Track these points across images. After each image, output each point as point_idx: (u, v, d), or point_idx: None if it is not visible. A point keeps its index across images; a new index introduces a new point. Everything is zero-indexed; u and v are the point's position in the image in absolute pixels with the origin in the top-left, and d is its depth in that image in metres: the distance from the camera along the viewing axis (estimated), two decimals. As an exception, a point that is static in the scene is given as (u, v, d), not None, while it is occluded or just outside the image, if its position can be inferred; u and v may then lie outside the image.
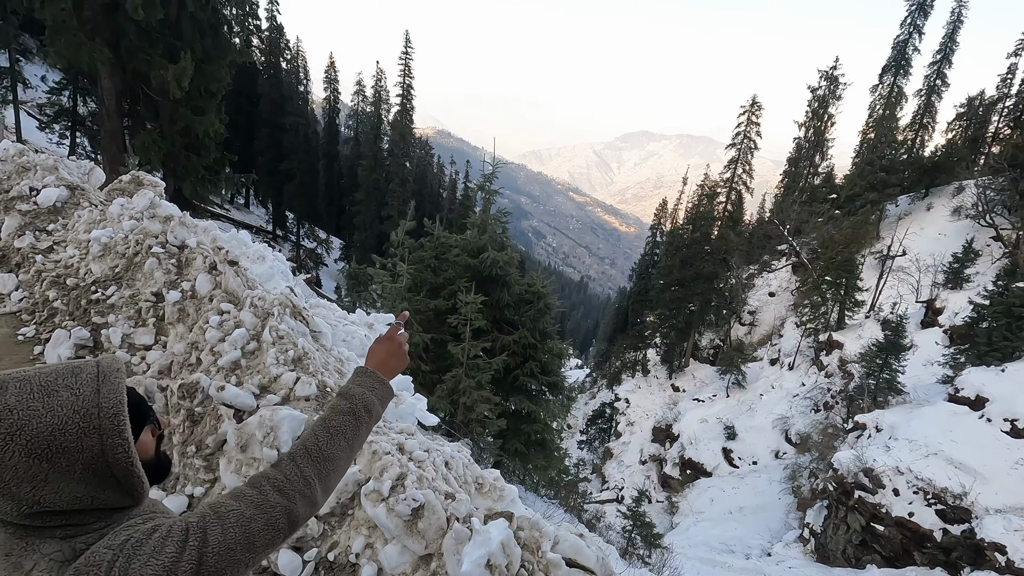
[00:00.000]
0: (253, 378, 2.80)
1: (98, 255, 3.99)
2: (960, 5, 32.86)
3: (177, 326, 3.32)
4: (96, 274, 3.90)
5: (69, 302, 3.75)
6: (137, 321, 3.48)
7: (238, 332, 2.95)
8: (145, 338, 3.35)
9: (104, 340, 3.41)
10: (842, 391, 21.41)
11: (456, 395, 9.86)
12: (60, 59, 15.10)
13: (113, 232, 4.08)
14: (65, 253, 4.24)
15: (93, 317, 3.55)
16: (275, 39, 35.49)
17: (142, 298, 3.58)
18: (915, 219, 29.45)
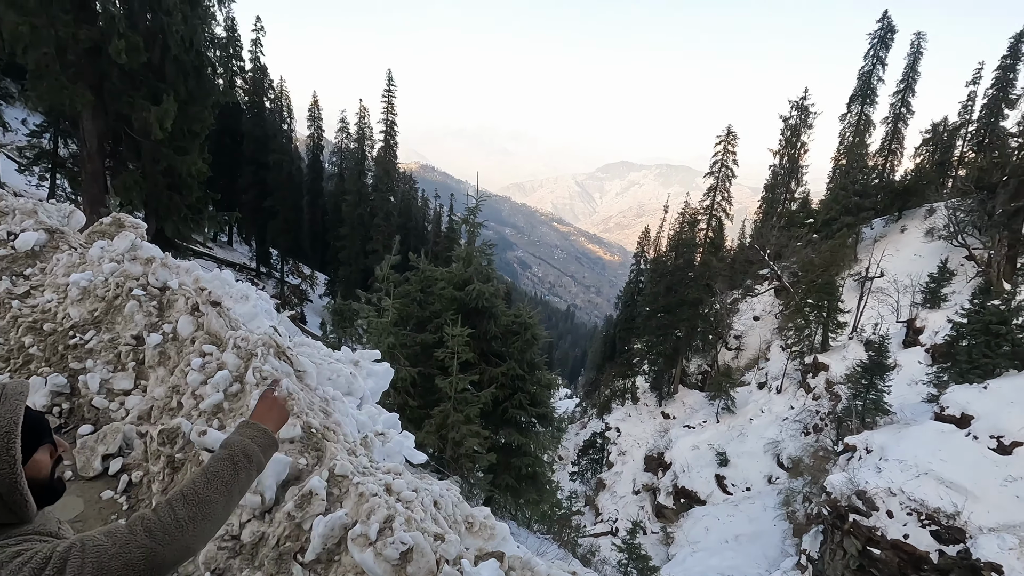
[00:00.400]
0: (236, 421, 2.74)
1: (77, 299, 3.92)
2: (919, 38, 34.52)
3: (158, 369, 3.25)
4: (74, 318, 3.83)
5: (46, 348, 3.67)
6: (116, 366, 3.41)
7: (220, 374, 2.90)
8: (124, 383, 3.27)
9: (81, 386, 3.32)
10: (830, 413, 21.49)
11: (445, 430, 9.71)
12: (42, 102, 15.13)
13: (93, 275, 4.03)
14: (43, 298, 4.16)
15: (70, 363, 3.46)
16: (259, 79, 35.94)
17: (122, 342, 3.52)
18: (890, 241, 30.19)
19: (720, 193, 33.13)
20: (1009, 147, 24.58)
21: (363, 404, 3.98)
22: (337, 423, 3.02)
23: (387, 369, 4.42)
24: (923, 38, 34.51)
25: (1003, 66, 32.78)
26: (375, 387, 4.36)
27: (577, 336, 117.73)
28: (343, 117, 40.19)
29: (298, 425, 2.71)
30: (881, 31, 36.25)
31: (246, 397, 2.85)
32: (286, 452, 2.61)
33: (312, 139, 42.22)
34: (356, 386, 3.87)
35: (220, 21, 30.12)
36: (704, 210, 33.26)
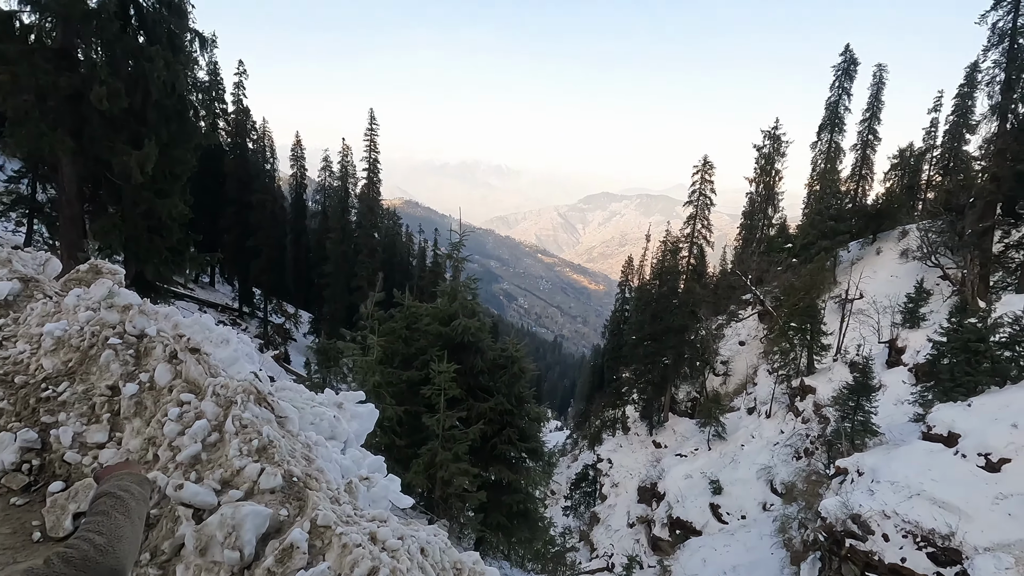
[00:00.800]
0: (214, 472, 2.66)
1: (50, 349, 3.83)
2: (880, 69, 36.12)
3: (133, 420, 3.16)
4: (48, 370, 3.73)
5: (16, 401, 3.55)
6: (90, 418, 3.31)
7: (199, 424, 2.83)
8: (98, 436, 3.17)
9: (53, 441, 3.21)
10: (820, 436, 21.49)
11: (433, 469, 9.51)
12: (20, 148, 15.05)
13: (68, 324, 3.94)
14: (15, 349, 4.05)
15: (42, 416, 3.35)
16: (242, 121, 36.26)
17: (96, 393, 3.42)
18: (867, 263, 30.86)
19: (700, 221, 33.75)
20: (973, 170, 25.53)
21: (347, 448, 3.89)
22: (320, 470, 2.94)
23: (372, 410, 4.35)
24: (884, 69, 36.11)
25: (961, 94, 34.34)
26: (360, 429, 4.28)
27: (565, 367, 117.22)
28: (326, 155, 40.56)
29: (279, 474, 2.63)
30: (844, 63, 37.88)
31: (225, 447, 2.77)
32: (266, 503, 2.52)
33: (295, 178, 42.43)
34: (340, 430, 3.79)
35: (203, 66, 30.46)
36: (685, 238, 33.80)
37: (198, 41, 16.29)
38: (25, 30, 13.53)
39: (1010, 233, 23.92)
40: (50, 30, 13.87)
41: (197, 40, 16.24)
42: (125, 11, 14.62)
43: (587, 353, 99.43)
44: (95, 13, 13.68)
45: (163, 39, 14.95)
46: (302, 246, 42.45)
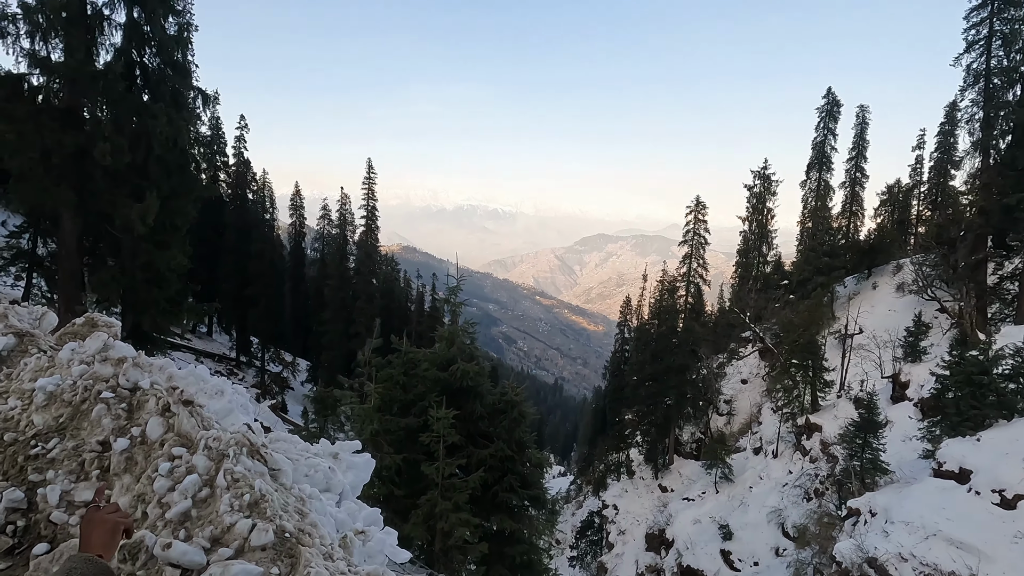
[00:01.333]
0: (204, 530, 2.58)
1: (42, 405, 3.78)
2: (863, 110, 37.27)
3: (123, 477, 3.09)
4: (38, 426, 3.67)
5: (4, 459, 3.48)
6: (79, 475, 3.23)
7: (189, 479, 2.76)
8: (86, 494, 3.09)
9: (40, 500, 3.12)
10: (830, 476, 20.99)
11: (433, 520, 9.23)
12: (24, 204, 15.30)
13: (61, 379, 3.90)
14: (5, 405, 3.99)
15: (30, 475, 3.27)
16: (242, 173, 37.01)
17: (87, 448, 3.36)
18: (864, 298, 30.95)
19: (695, 260, 34.05)
20: (961, 204, 25.97)
21: (343, 500, 3.79)
22: (313, 524, 2.86)
23: (368, 460, 4.25)
24: (867, 110, 37.27)
25: (943, 131, 35.35)
26: (355, 480, 4.18)
27: (567, 410, 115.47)
28: (325, 204, 41.22)
29: (271, 530, 2.55)
30: (828, 105, 39.12)
31: (216, 502, 2.70)
32: (257, 561, 2.44)
33: (294, 227, 42.96)
34: (335, 481, 3.70)
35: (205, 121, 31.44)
36: (681, 277, 34.00)
37: (201, 98, 16.79)
38: (34, 91, 13.98)
39: (1003, 265, 24.12)
40: (57, 90, 14.31)
41: (200, 97, 16.75)
42: (131, 71, 15.14)
43: (588, 395, 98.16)
44: (102, 74, 14.17)
45: (167, 97, 15.43)
46: (300, 294, 42.54)
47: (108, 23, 14.58)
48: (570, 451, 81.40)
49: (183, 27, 15.75)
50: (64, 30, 13.62)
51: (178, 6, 15.43)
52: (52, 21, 13.43)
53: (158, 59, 15.48)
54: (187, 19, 15.88)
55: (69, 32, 13.65)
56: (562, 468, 67.48)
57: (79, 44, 13.84)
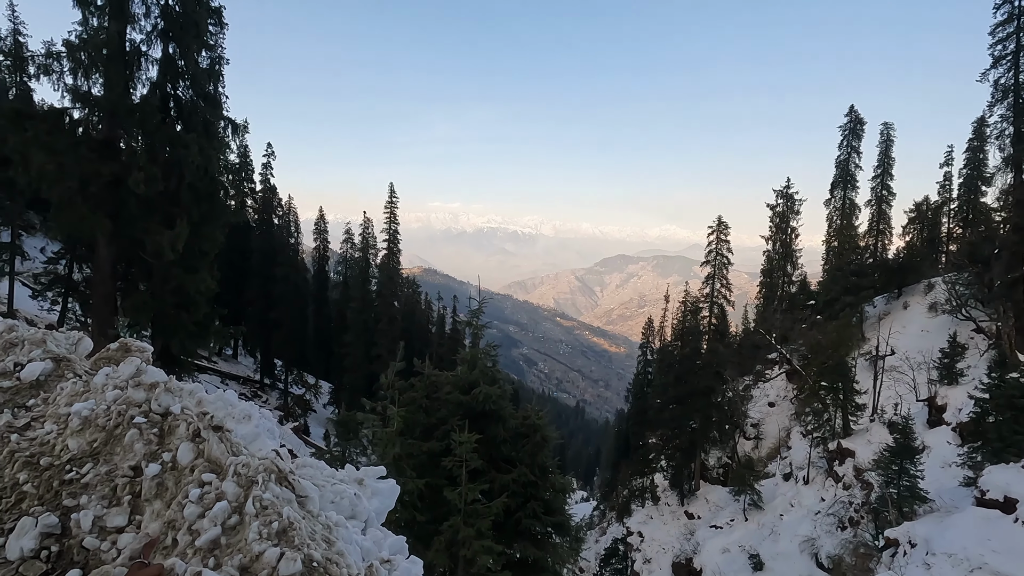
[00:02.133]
0: (233, 558, 2.57)
1: (77, 429, 3.85)
2: (887, 127, 36.79)
3: (154, 503, 3.11)
4: (73, 450, 3.73)
5: (40, 484, 3.54)
6: (111, 500, 3.27)
7: (219, 506, 2.77)
8: (118, 519, 3.11)
9: (73, 525, 3.16)
10: (865, 503, 20.19)
11: (455, 547, 9.10)
12: (62, 231, 15.89)
13: (95, 404, 3.98)
14: (42, 429, 4.09)
15: (64, 500, 3.32)
16: (268, 199, 37.95)
17: (119, 473, 3.40)
18: (895, 318, 30.11)
19: (718, 280, 33.61)
20: (994, 221, 25.27)
21: (368, 527, 3.75)
22: (340, 553, 2.83)
23: (392, 486, 4.23)
24: (891, 127, 36.77)
25: (971, 148, 34.63)
26: (380, 507, 4.14)
27: (589, 433, 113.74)
28: (348, 228, 41.92)
29: (299, 559, 2.54)
30: (851, 123, 38.74)
31: (245, 530, 2.69)
32: (285, 592, 2.42)
33: (318, 250, 43.74)
34: (360, 508, 3.68)
35: (234, 149, 32.47)
36: (704, 298, 33.54)
37: (231, 128, 17.37)
38: (74, 124, 14.62)
39: (1041, 283, 23.28)
40: (96, 123, 14.95)
41: (230, 127, 17.33)
42: (165, 103, 15.77)
43: (611, 418, 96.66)
44: (139, 107, 14.79)
45: (199, 127, 16.00)
46: (323, 316, 43.08)
47: (145, 58, 15.27)
48: (593, 475, 79.97)
49: (215, 60, 16.40)
50: (104, 66, 14.28)
51: (211, 41, 16.09)
52: (93, 58, 14.11)
53: (191, 91, 16.11)
54: (219, 52, 16.54)
55: (109, 68, 14.31)
56: (585, 493, 66.25)
57: (118, 79, 14.49)
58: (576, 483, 66.29)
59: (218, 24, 16.30)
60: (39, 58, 14.05)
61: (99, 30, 14.35)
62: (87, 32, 14.28)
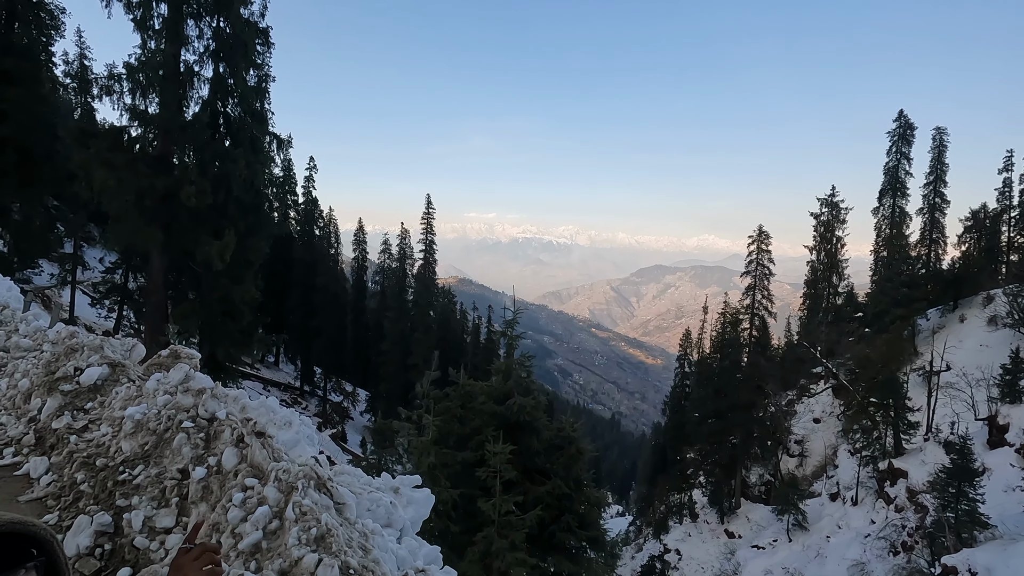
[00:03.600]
0: (274, 562, 2.63)
1: (130, 432, 4.03)
2: (940, 132, 35.20)
3: (200, 505, 3.22)
4: (126, 452, 3.91)
5: (96, 484, 3.72)
6: (160, 501, 3.40)
7: (260, 510, 2.84)
8: (166, 520, 3.24)
9: (125, 525, 3.30)
10: (919, 527, 19.11)
11: (489, 559, 9.05)
12: (119, 243, 16.74)
13: (147, 408, 4.16)
14: (99, 432, 4.30)
15: (117, 500, 3.48)
16: (310, 210, 39.11)
17: (168, 476, 3.54)
18: (950, 332, 28.59)
19: (759, 291, 32.72)
20: (1060, 230, 23.79)
21: (403, 536, 3.78)
22: (376, 561, 2.86)
23: (428, 496, 4.25)
24: (944, 132, 35.17)
25: (1034, 152, 32.75)
26: (415, 516, 4.17)
27: (624, 446, 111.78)
28: (386, 239, 42.73)
29: (336, 566, 2.58)
30: (900, 128, 37.28)
31: (285, 535, 2.76)
32: (323, 598, 2.46)
33: (357, 261, 44.74)
34: (396, 517, 3.71)
35: (279, 163, 33.62)
36: (745, 309, 32.67)
37: (276, 142, 18.01)
38: (132, 141, 15.45)
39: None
40: (152, 139, 15.76)
41: (275, 142, 17.97)
42: (215, 120, 16.50)
43: (647, 431, 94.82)
44: (191, 124, 15.53)
45: (246, 142, 16.66)
46: (361, 325, 43.93)
47: (197, 78, 16.03)
48: (628, 490, 78.48)
49: (262, 79, 17.08)
50: (160, 86, 15.08)
51: (258, 60, 16.78)
52: (150, 78, 14.90)
53: (239, 108, 16.81)
54: (266, 71, 17.22)
55: (164, 88, 15.10)
56: (620, 508, 65.07)
57: (172, 98, 15.26)
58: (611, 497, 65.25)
59: (265, 44, 16.98)
60: (102, 80, 14.94)
61: (156, 52, 15.17)
62: (145, 54, 15.12)
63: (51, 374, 5.13)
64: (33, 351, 6.36)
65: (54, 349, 5.60)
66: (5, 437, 4.89)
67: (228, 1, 15.61)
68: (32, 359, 6.01)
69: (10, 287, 9.87)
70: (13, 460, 4.49)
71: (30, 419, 4.93)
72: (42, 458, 4.24)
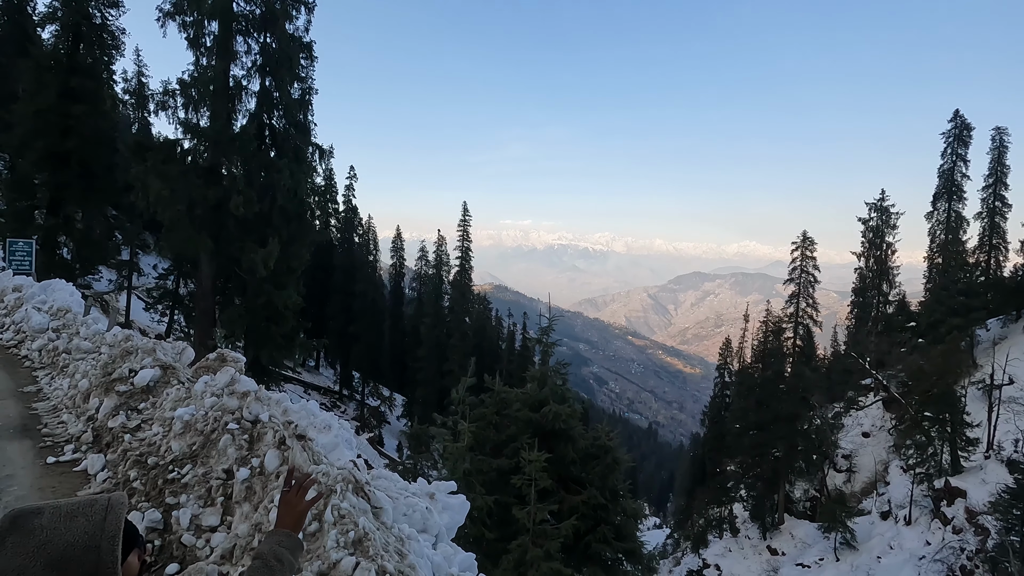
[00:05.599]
0: (312, 564, 2.68)
1: (179, 432, 4.19)
2: (1000, 133, 33.38)
3: (243, 505, 3.32)
4: (175, 452, 4.07)
5: (147, 482, 3.88)
6: (207, 500, 3.52)
7: (301, 512, 2.91)
8: (212, 519, 3.35)
9: (174, 522, 3.43)
10: (980, 551, 18.01)
11: (523, 567, 8.99)
12: (172, 250, 17.53)
13: (195, 409, 4.33)
14: (151, 431, 4.49)
15: (167, 497, 3.62)
16: (350, 219, 40.07)
17: (213, 476, 3.66)
18: (1014, 343, 26.94)
19: (804, 299, 31.60)
20: None
21: (439, 542, 3.80)
22: (412, 566, 2.88)
23: (463, 502, 4.26)
24: (1005, 132, 33.34)
25: (1106, 152, 30.69)
26: (451, 522, 4.18)
27: (662, 456, 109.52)
28: (423, 246, 43.34)
29: (373, 570, 2.60)
30: (955, 129, 35.54)
31: (323, 537, 2.80)
32: (360, 601, 2.49)
33: (394, 267, 45.51)
34: (432, 522, 3.73)
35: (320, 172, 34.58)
36: (788, 318, 31.60)
37: (318, 153, 18.55)
38: (184, 153, 16.20)
39: None
40: (203, 152, 16.49)
41: (317, 152, 18.51)
42: (261, 132, 17.13)
43: (685, 442, 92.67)
44: (239, 136, 16.17)
45: (290, 153, 17.24)
46: (399, 331, 44.60)
47: (245, 92, 16.71)
48: (666, 501, 76.79)
49: (305, 91, 17.65)
50: (211, 100, 15.77)
51: (302, 74, 17.36)
52: (202, 93, 15.62)
53: (284, 120, 17.41)
54: (309, 84, 17.79)
55: (215, 102, 15.79)
56: (657, 520, 63.70)
57: (222, 111, 15.95)
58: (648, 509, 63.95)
59: (308, 58, 17.57)
60: (157, 95, 15.75)
61: (207, 68, 15.89)
62: (197, 71, 15.86)
63: (108, 375, 5.39)
64: (92, 353, 6.71)
65: (111, 351, 5.89)
66: (66, 434, 5.17)
67: (274, 18, 16.23)
68: (91, 361, 6.34)
69: (72, 292, 10.45)
70: (73, 456, 4.73)
71: (88, 418, 5.19)
72: (99, 455, 4.45)
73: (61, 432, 5.25)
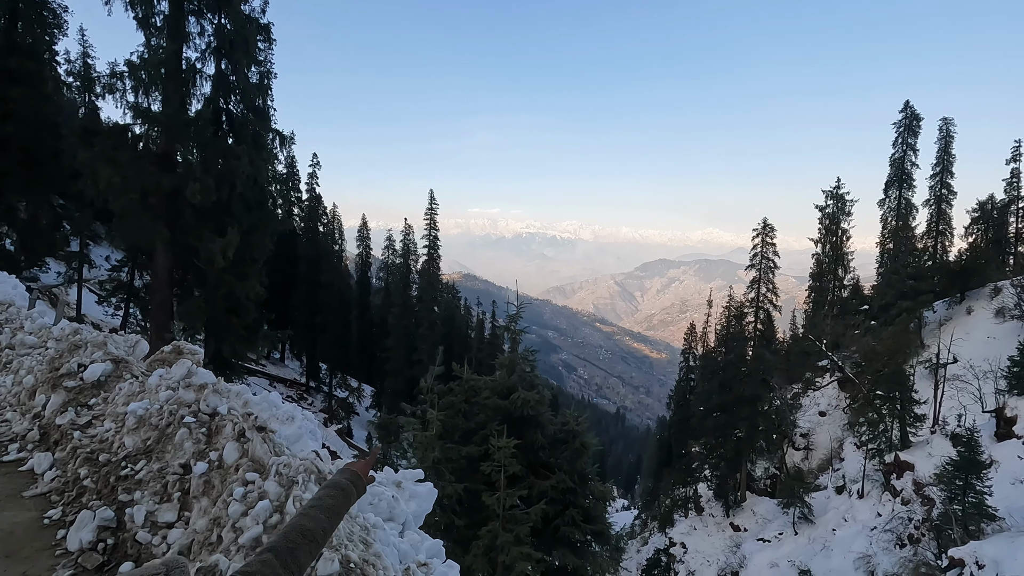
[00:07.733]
0: (274, 556, 2.63)
1: (132, 428, 4.04)
2: (947, 123, 34.88)
3: (201, 500, 3.23)
4: (128, 448, 3.92)
5: (99, 479, 3.73)
6: (163, 496, 3.41)
7: (261, 505, 2.84)
8: (168, 515, 3.25)
9: (127, 519, 3.31)
10: (925, 520, 19.07)
11: (494, 552, 9.08)
12: (125, 240, 16.79)
13: (149, 403, 4.17)
14: (102, 427, 4.31)
15: (120, 495, 3.49)
16: (314, 207, 39.14)
17: (170, 471, 3.55)
18: (957, 324, 28.41)
19: (764, 285, 32.56)
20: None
21: (405, 530, 3.78)
22: (377, 555, 2.86)
23: (430, 490, 4.25)
24: (951, 123, 34.85)
25: (1042, 142, 32.45)
26: (418, 510, 4.17)
27: (630, 440, 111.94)
28: (389, 235, 42.76)
29: (336, 560, 2.57)
30: (906, 119, 36.95)
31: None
32: (323, 591, 2.46)
33: (361, 257, 44.80)
34: (398, 511, 3.71)
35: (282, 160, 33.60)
36: (750, 303, 32.52)
37: (278, 139, 17.98)
38: (136, 139, 15.47)
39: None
40: (155, 137, 15.78)
41: (278, 138, 17.94)
42: (217, 117, 16.48)
43: (652, 425, 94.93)
44: (193, 121, 15.52)
45: (248, 139, 16.65)
46: (366, 322, 44.03)
47: (199, 75, 16.01)
48: (634, 484, 78.62)
49: (264, 75, 17.04)
50: (162, 84, 15.07)
51: (260, 56, 16.74)
52: (153, 76, 14.90)
53: (241, 105, 16.78)
54: (267, 67, 17.17)
55: (167, 85, 15.09)
56: (626, 501, 65.25)
57: (174, 95, 15.26)
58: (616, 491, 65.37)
59: (267, 40, 16.93)
60: (104, 78, 14.94)
61: (158, 49, 15.15)
62: (147, 52, 15.11)
63: (55, 370, 5.15)
64: (38, 348, 6.39)
65: (58, 346, 5.62)
66: (10, 433, 4.92)
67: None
68: (37, 356, 6.04)
69: (15, 285, 9.93)
70: (18, 456, 4.52)
71: (34, 415, 4.96)
72: (46, 454, 4.26)
73: (5, 431, 5.00)
